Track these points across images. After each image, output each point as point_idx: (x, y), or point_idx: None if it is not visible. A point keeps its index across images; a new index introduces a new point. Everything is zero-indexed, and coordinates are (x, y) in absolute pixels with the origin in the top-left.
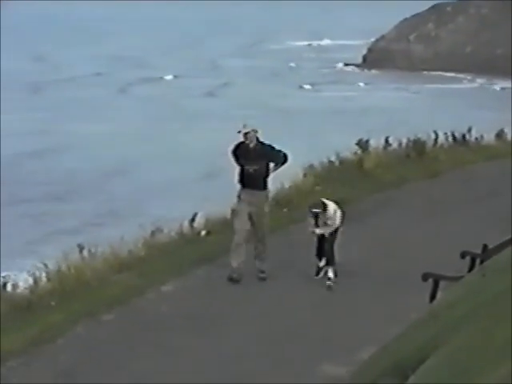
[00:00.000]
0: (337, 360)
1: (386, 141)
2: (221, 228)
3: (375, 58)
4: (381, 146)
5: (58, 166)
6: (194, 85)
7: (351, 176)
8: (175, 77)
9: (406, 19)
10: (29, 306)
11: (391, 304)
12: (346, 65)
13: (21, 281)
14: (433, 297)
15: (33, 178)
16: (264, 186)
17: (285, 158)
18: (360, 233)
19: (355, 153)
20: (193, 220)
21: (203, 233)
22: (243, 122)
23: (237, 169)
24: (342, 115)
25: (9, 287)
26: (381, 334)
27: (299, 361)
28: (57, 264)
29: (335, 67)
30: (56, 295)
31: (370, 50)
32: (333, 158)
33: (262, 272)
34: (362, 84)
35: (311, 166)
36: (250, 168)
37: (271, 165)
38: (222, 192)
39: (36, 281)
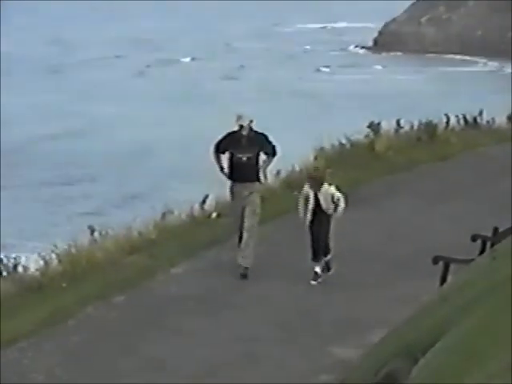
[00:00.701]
0: (347, 343)
1: (398, 123)
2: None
3: (386, 41)
4: (392, 129)
5: (75, 148)
6: (212, 67)
7: (362, 159)
8: (192, 59)
9: (417, 2)
10: (40, 288)
11: (402, 287)
12: (357, 47)
13: (32, 262)
14: (443, 280)
15: (50, 161)
16: (257, 177)
17: (274, 151)
18: (371, 215)
19: (366, 135)
20: (203, 202)
21: (214, 215)
22: (238, 114)
23: (224, 163)
24: (360, 98)
25: (20, 269)
26: (391, 316)
27: (310, 343)
28: (68, 246)
29: (348, 50)
30: (67, 277)
31: (380, 32)
32: (344, 141)
33: (246, 268)
34: (378, 67)
35: (322, 149)
36: (243, 156)
37: (262, 157)
38: None
39: (47, 262)
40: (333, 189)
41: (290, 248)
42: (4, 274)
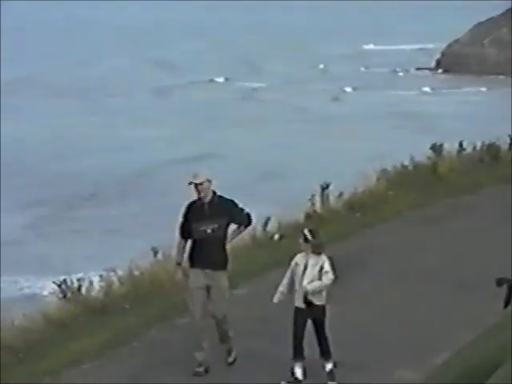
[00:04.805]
0: (411, 365)
1: (460, 145)
2: (294, 232)
3: (449, 62)
4: (455, 151)
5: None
6: (312, 90)
7: (425, 181)
8: (287, 83)
9: (480, 23)
10: (103, 309)
11: (464, 310)
12: (419, 69)
13: (96, 284)
14: (507, 302)
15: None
16: (224, 261)
17: (249, 220)
18: (433, 238)
19: (429, 157)
20: (266, 224)
21: (276, 237)
22: (194, 172)
23: (184, 243)
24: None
25: (83, 290)
26: (454, 339)
27: (374, 365)
28: (130, 268)
29: (409, 71)
30: (130, 298)
31: (443, 53)
32: (406, 163)
33: (229, 353)
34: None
35: (384, 170)
36: (207, 228)
37: (231, 228)
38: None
39: (110, 284)
40: (324, 258)
41: (353, 266)
42: (68, 295)
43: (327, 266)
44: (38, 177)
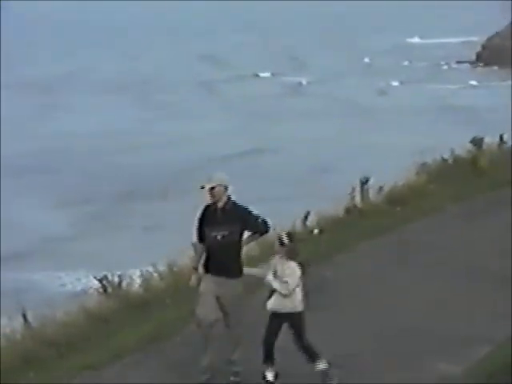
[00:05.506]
0: (452, 359)
1: (501, 138)
2: (333, 227)
3: (489, 55)
4: (495, 144)
5: (260, 166)
6: (358, 83)
7: (465, 174)
8: (332, 77)
9: None
10: (144, 304)
11: (505, 304)
12: (459, 62)
13: (136, 279)
14: None
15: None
16: (238, 269)
17: (266, 227)
18: (474, 232)
19: (469, 151)
20: (306, 218)
21: (316, 231)
22: (209, 175)
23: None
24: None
25: (124, 285)
26: (496, 333)
27: (414, 358)
28: (171, 261)
29: (450, 64)
30: (170, 293)
31: (483, 47)
32: (446, 156)
33: (235, 375)
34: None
35: (424, 164)
36: (218, 234)
37: (245, 234)
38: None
39: (151, 279)
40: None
41: (395, 264)
42: (109, 290)
43: (289, 278)
44: (83, 173)
